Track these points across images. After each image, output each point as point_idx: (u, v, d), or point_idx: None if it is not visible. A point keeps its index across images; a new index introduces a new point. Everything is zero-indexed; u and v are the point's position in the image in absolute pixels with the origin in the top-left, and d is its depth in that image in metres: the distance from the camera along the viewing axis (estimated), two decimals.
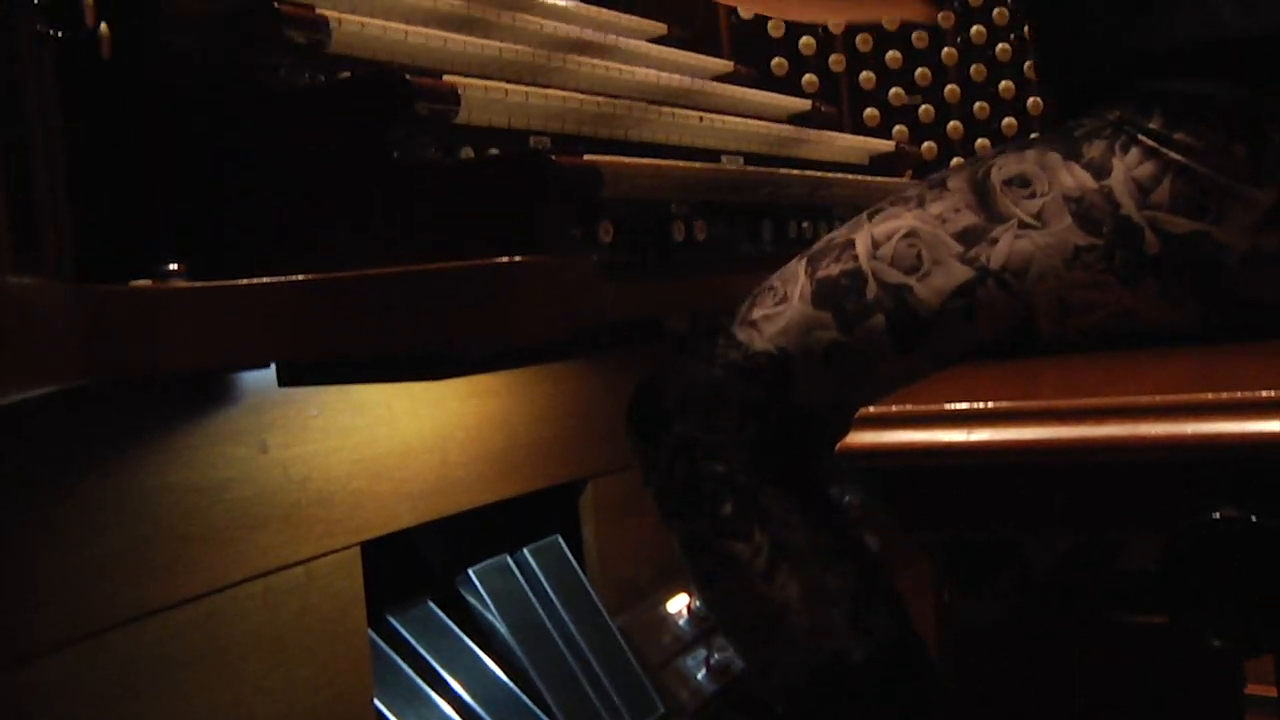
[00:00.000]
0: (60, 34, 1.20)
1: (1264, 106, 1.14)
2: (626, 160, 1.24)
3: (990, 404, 0.85)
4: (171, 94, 1.30)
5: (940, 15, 2.48)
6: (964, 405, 0.85)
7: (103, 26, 1.24)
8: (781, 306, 1.30)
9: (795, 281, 1.31)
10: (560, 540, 2.22)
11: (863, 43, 2.45)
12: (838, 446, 0.87)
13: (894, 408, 0.87)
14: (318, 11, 1.30)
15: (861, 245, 1.27)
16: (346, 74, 1.35)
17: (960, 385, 1.00)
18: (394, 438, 1.87)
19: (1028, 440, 0.81)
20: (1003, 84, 2.41)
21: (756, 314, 1.31)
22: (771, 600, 1.25)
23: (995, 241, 1.22)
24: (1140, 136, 1.17)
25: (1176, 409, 0.79)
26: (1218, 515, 0.75)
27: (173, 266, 1.18)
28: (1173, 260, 1.17)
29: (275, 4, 1.24)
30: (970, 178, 1.27)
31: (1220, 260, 1.15)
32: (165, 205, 1.29)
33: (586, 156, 1.16)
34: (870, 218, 1.31)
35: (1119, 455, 0.79)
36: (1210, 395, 0.78)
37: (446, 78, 1.22)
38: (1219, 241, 1.15)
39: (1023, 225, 1.21)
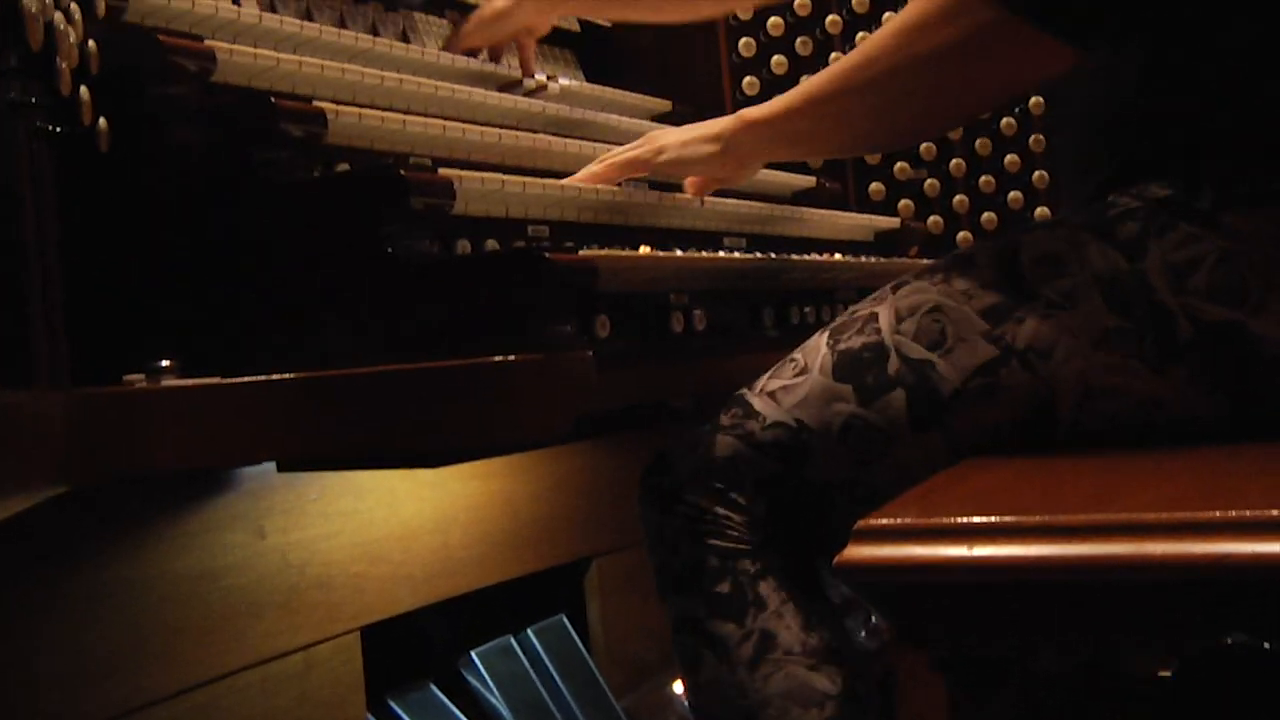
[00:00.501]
0: (58, 129, 1.19)
1: None
2: (623, 254, 1.23)
3: (993, 518, 0.83)
4: (168, 187, 1.29)
5: None
6: (965, 519, 0.83)
7: (101, 121, 1.24)
8: (801, 378, 1.27)
9: (816, 354, 1.28)
10: (565, 620, 2.19)
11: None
12: (836, 560, 0.84)
13: (894, 520, 0.85)
14: (314, 104, 1.30)
15: (885, 319, 1.24)
16: (344, 165, 1.35)
17: (963, 491, 0.98)
18: (395, 520, 1.85)
19: (1031, 557, 0.79)
20: (1008, 158, 2.40)
21: (775, 384, 1.28)
22: (752, 691, 1.22)
23: (1022, 320, 1.18)
24: (1182, 222, 1.13)
25: (1185, 527, 0.76)
26: (1229, 640, 0.72)
27: (165, 363, 1.16)
28: (1204, 349, 1.12)
29: (272, 99, 1.24)
30: (999, 254, 1.23)
31: (1255, 353, 1.11)
32: (161, 299, 1.28)
33: (583, 252, 1.14)
34: (895, 291, 1.28)
35: (1125, 575, 0.77)
36: (1219, 514, 0.76)
37: (442, 170, 1.21)
38: (1255, 334, 1.10)
39: (1050, 305, 1.17)
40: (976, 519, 0.83)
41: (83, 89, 1.14)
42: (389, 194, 1.16)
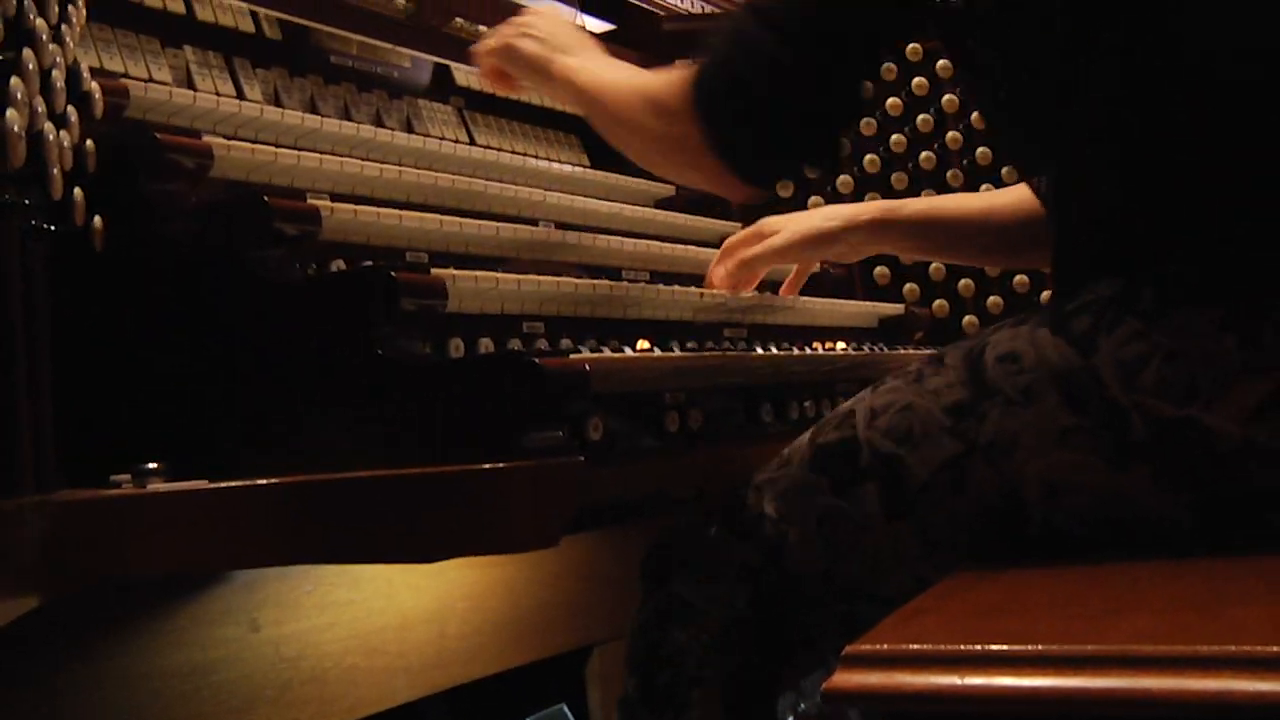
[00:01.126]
0: (51, 227, 1.19)
1: (1257, 298, 1.11)
2: (616, 356, 1.22)
3: (985, 646, 0.80)
4: (161, 284, 1.29)
5: (949, 173, 2.48)
6: (957, 646, 0.81)
7: (96, 219, 1.24)
8: (782, 471, 1.33)
9: (799, 448, 1.34)
10: (566, 709, 2.15)
11: (872, 200, 2.44)
12: (824, 686, 0.82)
13: (883, 646, 0.82)
14: (309, 201, 1.30)
15: (861, 415, 1.29)
16: (339, 261, 1.35)
17: (954, 611, 0.95)
18: (391, 610, 1.82)
19: (1025, 690, 0.77)
20: None
21: (761, 478, 1.35)
22: None
23: (984, 417, 1.21)
24: (1128, 317, 1.15)
25: (1185, 661, 0.74)
26: None
27: (152, 465, 1.15)
28: (1162, 446, 1.13)
29: (266, 198, 1.24)
30: (966, 354, 1.27)
31: (1212, 448, 1.11)
32: (151, 396, 1.28)
33: (574, 355, 1.13)
34: (873, 390, 1.33)
35: (1122, 710, 0.74)
36: (1219, 648, 0.73)
37: (435, 271, 1.21)
38: (1209, 429, 1.11)
39: (1010, 402, 1.19)
40: (968, 646, 0.81)
41: (77, 191, 1.14)
42: (380, 296, 1.15)
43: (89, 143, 1.21)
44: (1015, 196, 1.69)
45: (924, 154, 2.46)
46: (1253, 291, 1.11)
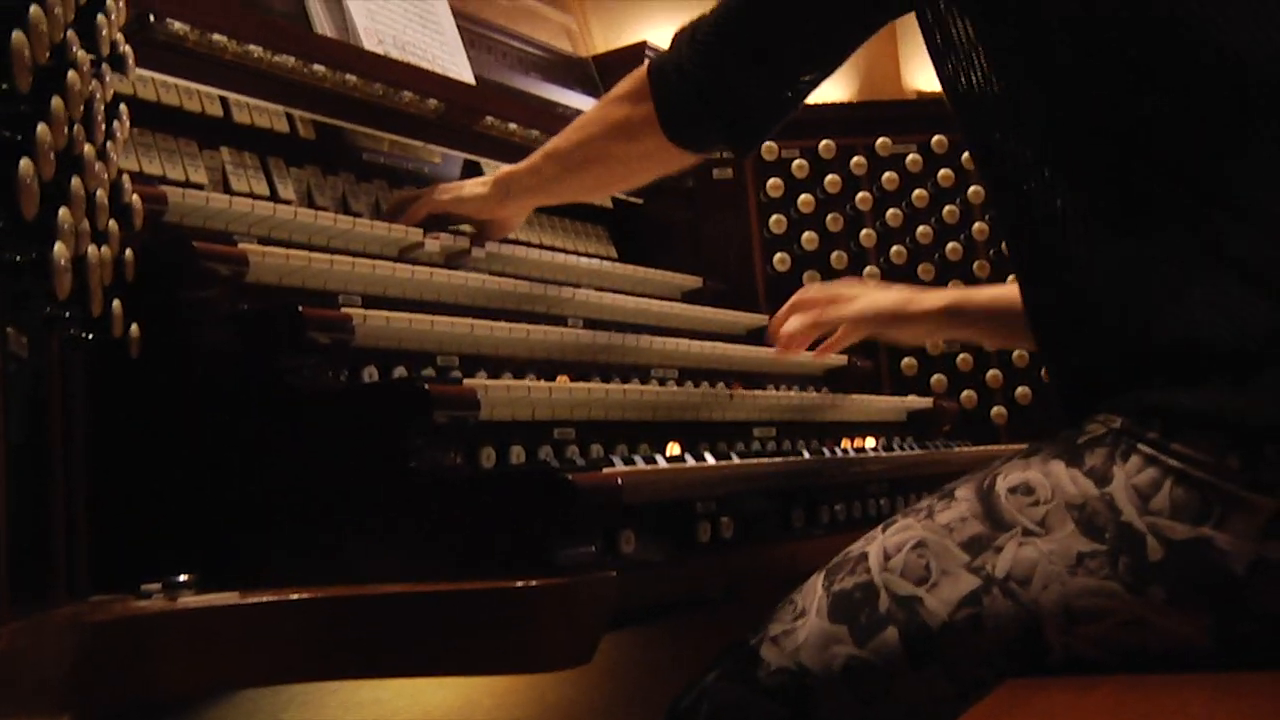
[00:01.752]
0: (89, 336, 1.20)
1: (1255, 419, 1.12)
2: (648, 469, 1.21)
3: None
4: (196, 393, 1.30)
5: (976, 264, 2.48)
6: None
7: (133, 328, 1.25)
8: (799, 622, 1.28)
9: (813, 596, 1.31)
10: None
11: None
12: None
13: None
14: (343, 309, 1.31)
15: (874, 558, 1.28)
16: (371, 367, 1.36)
17: None
18: (416, 709, 1.80)
19: None
20: None
21: (776, 629, 1.29)
22: None
23: (1000, 549, 1.20)
24: (1140, 445, 1.16)
25: None
26: None
27: (183, 578, 1.15)
28: (1177, 567, 1.13)
29: (300, 308, 1.25)
30: (977, 487, 1.27)
31: (1226, 568, 1.11)
32: (184, 507, 1.28)
33: (605, 470, 1.13)
34: (884, 529, 1.32)
35: None
36: None
37: (467, 381, 1.21)
38: (1222, 548, 1.11)
39: (1026, 532, 1.20)
40: None
41: (115, 303, 1.15)
42: (412, 408, 1.16)
43: (128, 252, 1.23)
44: None
45: (951, 245, 2.47)
46: (1253, 415, 1.12)
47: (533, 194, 1.82)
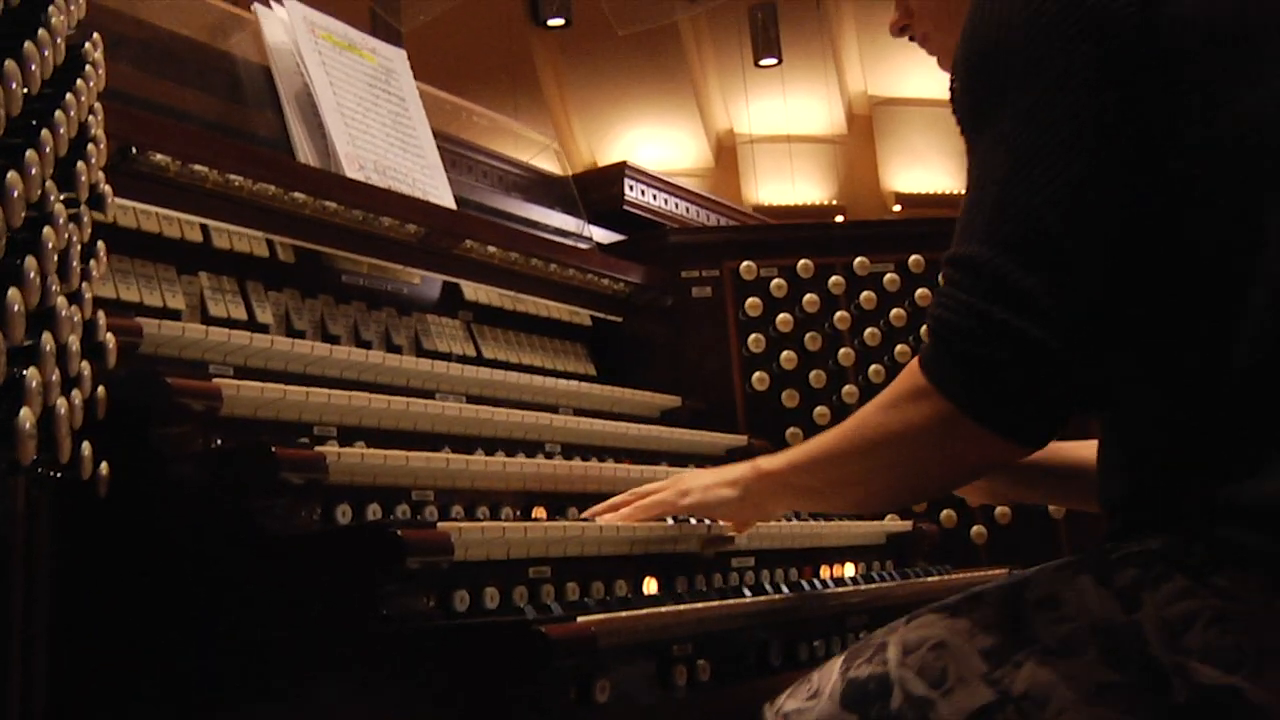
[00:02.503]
0: (57, 475, 1.19)
1: None
2: (623, 615, 1.20)
3: None
4: (165, 533, 1.28)
5: None
6: None
7: (103, 466, 1.23)
8: (812, 701, 1.26)
9: (829, 677, 1.27)
10: None
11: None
12: None
13: None
14: (315, 449, 1.30)
15: (894, 649, 1.24)
16: (345, 505, 1.34)
17: None
18: None
19: None
20: None
21: (790, 705, 1.27)
22: None
23: (1020, 665, 1.16)
24: (1177, 572, 1.11)
25: None
26: None
27: None
28: (1203, 714, 1.08)
29: (273, 448, 1.23)
30: (1004, 593, 1.22)
31: None
32: (150, 651, 1.25)
33: (580, 618, 1.11)
34: (908, 621, 1.28)
35: None
36: None
37: (441, 524, 1.20)
38: (1254, 702, 1.06)
39: (1047, 651, 1.15)
40: None
41: (85, 445, 1.14)
42: (384, 555, 1.14)
43: (101, 390, 1.22)
44: None
45: None
46: None
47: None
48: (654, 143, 11.03)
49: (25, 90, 0.89)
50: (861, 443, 1.29)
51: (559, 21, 8.82)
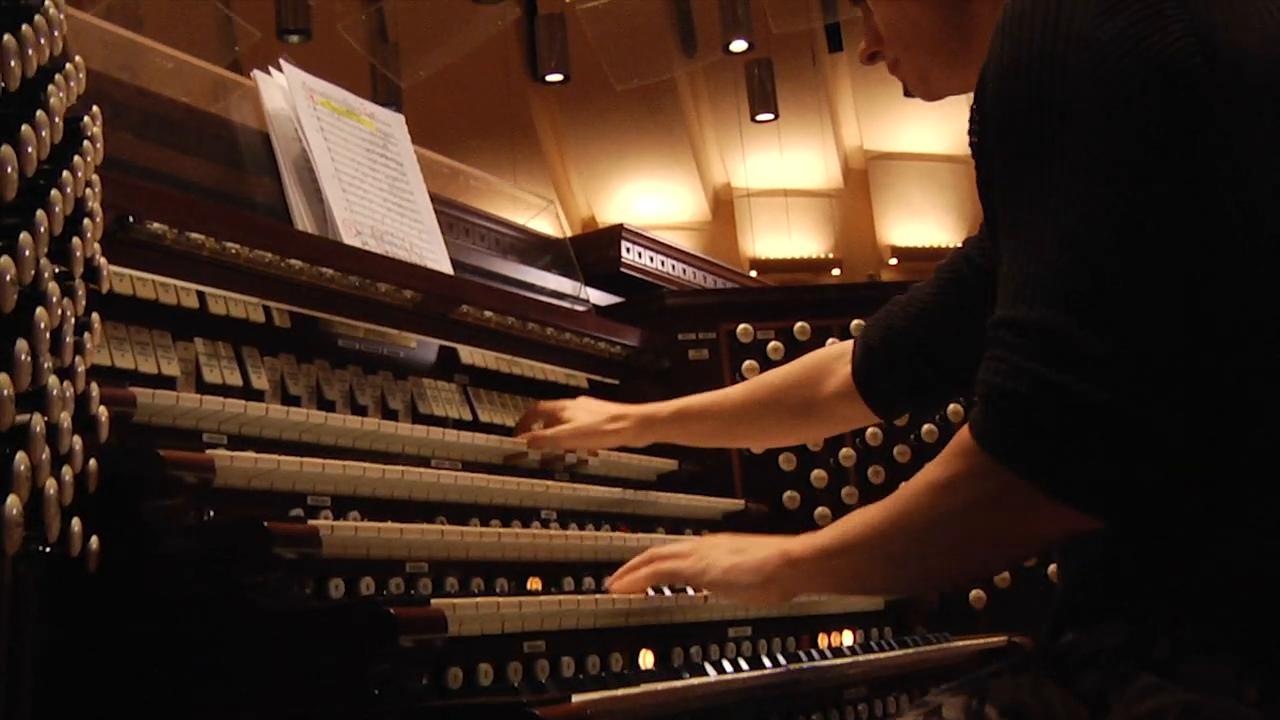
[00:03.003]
0: (47, 549, 1.17)
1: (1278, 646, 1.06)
2: (618, 694, 1.18)
3: None
4: (155, 608, 1.26)
5: None
6: None
7: (93, 541, 1.22)
8: None
9: None
10: None
11: (874, 474, 2.44)
12: None
13: None
14: (309, 523, 1.29)
15: None
16: (338, 580, 1.33)
17: None
18: None
19: None
20: None
21: None
22: None
23: None
24: (1141, 669, 1.07)
25: None
26: None
27: None
28: None
29: (266, 523, 1.22)
30: (965, 707, 1.17)
31: None
32: None
33: (575, 698, 1.10)
34: None
35: None
36: None
37: (435, 601, 1.19)
38: None
39: None
40: None
41: (75, 521, 1.13)
42: (377, 633, 1.12)
43: (92, 463, 1.21)
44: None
45: (926, 426, 2.48)
46: (1275, 640, 1.06)
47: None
48: (652, 196, 11.10)
49: (22, 172, 0.89)
50: (913, 527, 1.19)
51: (558, 77, 8.88)
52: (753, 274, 10.34)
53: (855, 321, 2.52)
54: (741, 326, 2.46)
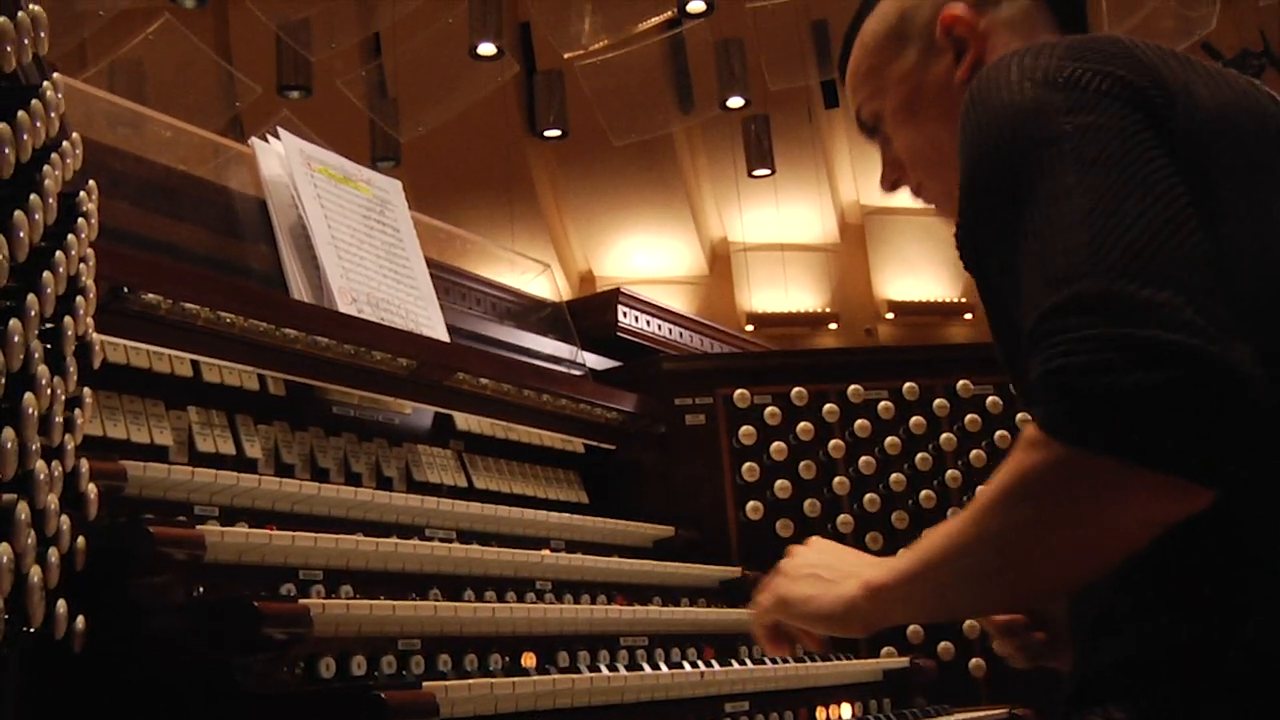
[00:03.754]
0: (30, 630, 1.15)
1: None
2: None
3: None
4: (142, 688, 1.24)
5: (950, 510, 2.46)
6: None
7: (79, 621, 1.20)
8: None
9: None
10: None
11: (872, 541, 2.42)
12: None
13: None
14: (299, 601, 1.27)
15: None
16: (329, 658, 1.31)
17: None
18: None
19: None
20: None
21: None
22: None
23: None
24: None
25: None
26: None
27: None
28: None
29: (255, 602, 1.21)
30: None
31: None
32: None
33: None
34: None
35: None
36: None
37: (427, 684, 1.17)
38: None
39: None
40: None
41: (60, 603, 1.11)
42: (368, 717, 1.10)
43: (80, 540, 1.19)
44: None
45: (924, 492, 2.46)
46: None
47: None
48: (649, 251, 11.13)
49: (15, 258, 0.89)
50: (992, 535, 1.07)
51: (556, 132, 8.94)
52: (749, 328, 10.36)
53: (853, 386, 2.51)
54: (738, 391, 2.45)
